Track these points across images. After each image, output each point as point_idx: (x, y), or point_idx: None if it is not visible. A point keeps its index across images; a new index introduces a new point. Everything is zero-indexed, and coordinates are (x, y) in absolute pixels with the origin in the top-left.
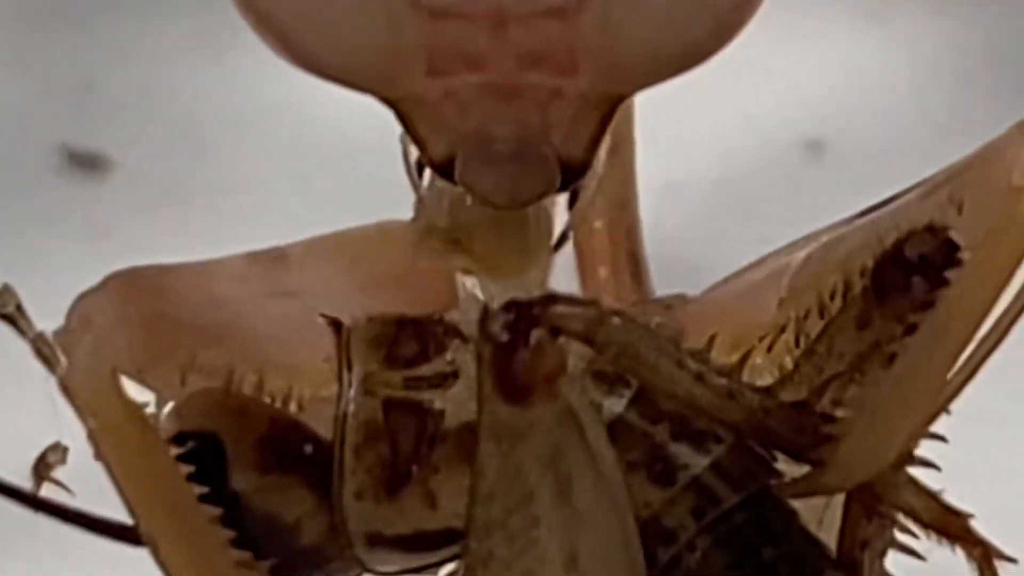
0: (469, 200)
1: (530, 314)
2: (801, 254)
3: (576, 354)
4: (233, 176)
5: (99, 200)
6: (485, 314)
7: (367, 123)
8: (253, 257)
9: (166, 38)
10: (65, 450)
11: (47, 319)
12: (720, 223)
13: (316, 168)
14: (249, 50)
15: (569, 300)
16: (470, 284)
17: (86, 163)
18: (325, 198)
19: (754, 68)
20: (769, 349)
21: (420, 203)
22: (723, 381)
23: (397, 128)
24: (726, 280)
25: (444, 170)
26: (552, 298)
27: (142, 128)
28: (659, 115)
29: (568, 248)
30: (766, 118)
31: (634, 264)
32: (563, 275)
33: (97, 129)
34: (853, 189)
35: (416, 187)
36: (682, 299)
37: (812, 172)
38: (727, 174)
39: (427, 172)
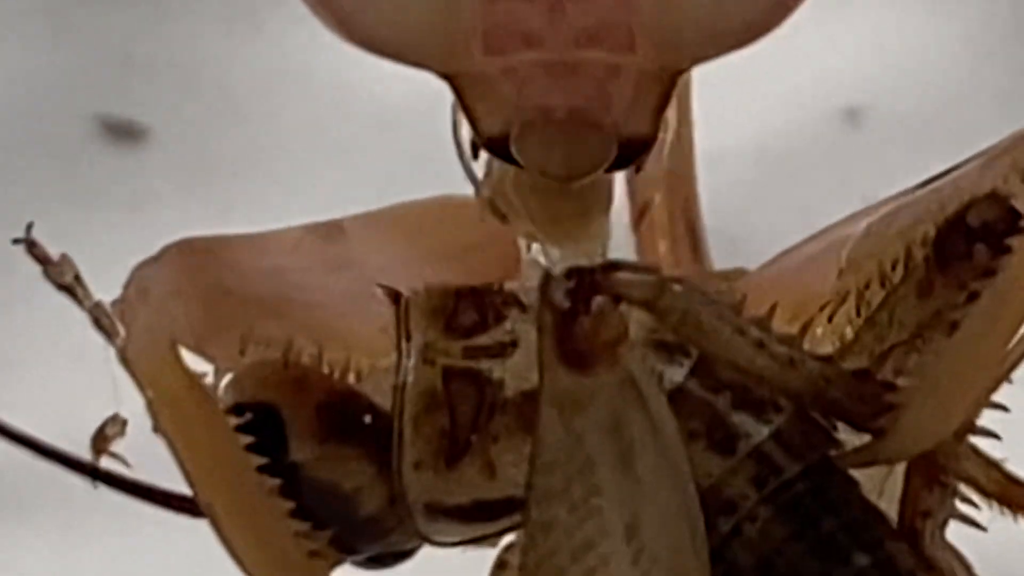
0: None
1: (592, 281)
2: (860, 225)
3: (637, 323)
4: (271, 146)
5: (137, 170)
6: (547, 281)
7: (406, 93)
8: (310, 229)
9: (204, 8)
10: (124, 422)
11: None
12: (758, 192)
13: (354, 138)
14: (287, 20)
15: (631, 267)
16: (533, 251)
17: (123, 133)
18: (363, 167)
19: (792, 36)
20: (829, 319)
21: (484, 171)
22: (784, 349)
23: (436, 97)
24: (784, 253)
25: (497, 147)
26: (614, 265)
27: (180, 98)
28: (697, 85)
29: (627, 222)
30: (804, 86)
31: (693, 237)
32: (623, 249)
33: (135, 99)
34: (891, 158)
35: (464, 161)
36: (741, 272)
37: (850, 141)
38: (765, 143)
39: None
